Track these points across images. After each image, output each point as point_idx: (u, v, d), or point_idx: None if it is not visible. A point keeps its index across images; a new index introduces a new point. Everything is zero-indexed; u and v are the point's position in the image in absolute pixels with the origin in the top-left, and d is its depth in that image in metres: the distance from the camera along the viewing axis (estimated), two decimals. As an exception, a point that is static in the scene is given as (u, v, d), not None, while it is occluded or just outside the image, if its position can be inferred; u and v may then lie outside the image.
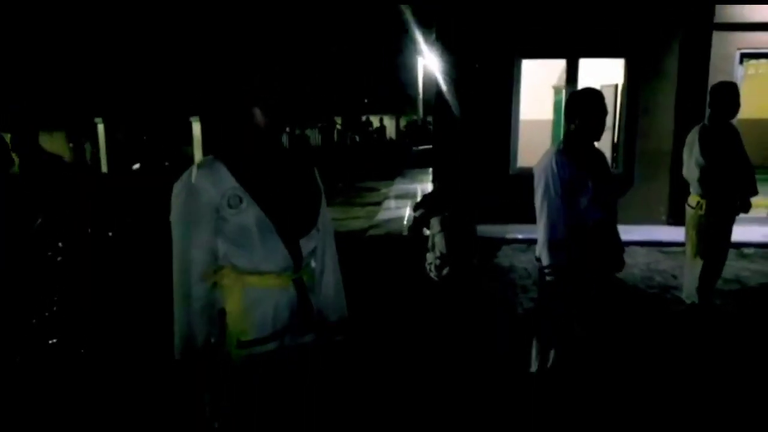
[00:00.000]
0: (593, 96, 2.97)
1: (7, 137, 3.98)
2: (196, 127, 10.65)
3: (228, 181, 1.70)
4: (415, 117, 27.85)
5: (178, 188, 1.73)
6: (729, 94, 4.17)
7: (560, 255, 2.96)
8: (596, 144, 3.20)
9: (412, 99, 27.30)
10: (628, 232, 7.03)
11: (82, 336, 3.88)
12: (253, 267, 1.75)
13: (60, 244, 3.78)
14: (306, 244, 1.85)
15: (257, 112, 1.72)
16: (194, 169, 1.71)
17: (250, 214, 1.71)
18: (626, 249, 6.56)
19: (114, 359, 3.77)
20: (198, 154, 10.52)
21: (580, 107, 2.97)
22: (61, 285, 3.86)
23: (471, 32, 7.57)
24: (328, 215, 2.00)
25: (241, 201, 1.70)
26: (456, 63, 7.68)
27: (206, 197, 1.69)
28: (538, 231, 3.05)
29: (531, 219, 3.23)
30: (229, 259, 1.75)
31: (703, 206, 4.20)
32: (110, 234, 4.76)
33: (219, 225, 1.71)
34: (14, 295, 3.67)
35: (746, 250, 6.49)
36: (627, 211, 7.57)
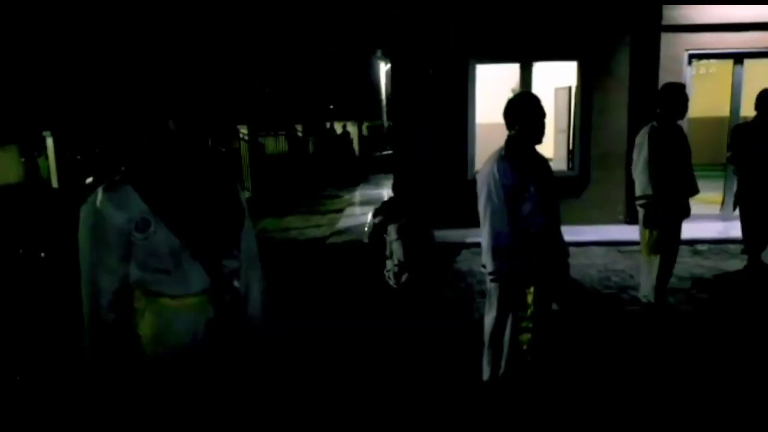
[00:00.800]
0: (530, 101, 2.96)
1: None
2: (50, 142, 10.40)
3: (135, 205, 1.60)
4: (379, 122, 27.85)
5: (84, 212, 1.62)
6: (677, 95, 4.22)
7: (504, 261, 2.93)
8: (546, 146, 3.19)
9: (375, 105, 27.29)
10: (585, 233, 7.17)
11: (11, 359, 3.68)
12: (167, 290, 1.65)
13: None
14: (229, 263, 1.75)
15: (168, 126, 1.63)
16: (100, 193, 1.60)
17: (160, 237, 1.61)
18: (584, 249, 6.66)
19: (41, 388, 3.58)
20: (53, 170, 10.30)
21: (519, 113, 2.96)
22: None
23: (426, 37, 7.55)
24: (252, 233, 1.91)
25: (149, 225, 1.60)
26: (412, 68, 7.66)
27: (113, 222, 1.58)
28: (482, 238, 3.02)
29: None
30: (142, 283, 1.65)
31: (651, 205, 4.24)
32: (42, 255, 4.53)
33: (129, 249, 1.61)
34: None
35: (700, 247, 6.60)
36: (584, 211, 7.68)
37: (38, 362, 3.83)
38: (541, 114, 2.95)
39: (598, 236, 7.00)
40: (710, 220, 7.45)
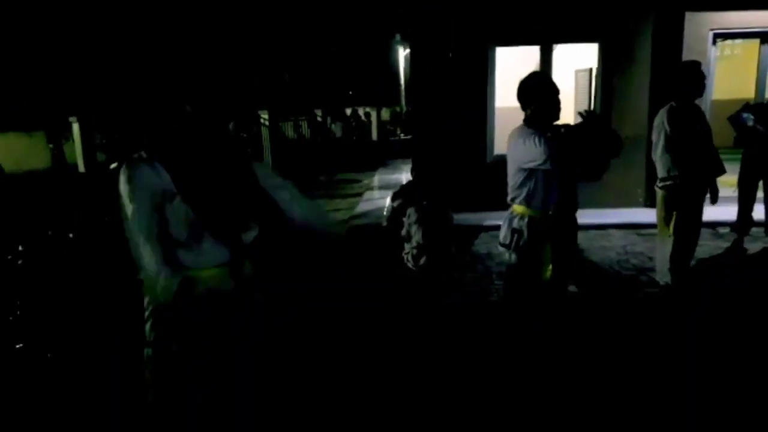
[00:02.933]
0: (542, 80, 3.01)
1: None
2: (75, 127, 10.53)
3: (165, 176, 1.69)
4: (398, 108, 27.80)
5: (126, 175, 1.69)
6: (694, 72, 4.20)
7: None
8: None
9: (395, 89, 27.23)
10: (605, 216, 7.14)
11: (48, 340, 3.84)
12: (187, 263, 1.75)
13: (20, 248, 3.73)
14: (248, 236, 1.85)
15: (185, 110, 1.71)
16: (136, 162, 1.69)
17: (180, 209, 1.70)
18: (604, 232, 6.65)
19: (79, 361, 3.73)
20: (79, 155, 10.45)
21: (531, 93, 3.00)
22: (23, 288, 3.81)
23: (445, 21, 7.53)
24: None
25: (175, 196, 1.68)
26: (431, 52, 7.66)
27: (155, 185, 1.68)
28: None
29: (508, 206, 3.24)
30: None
31: (671, 186, 4.23)
32: (71, 236, 4.68)
33: (163, 214, 1.70)
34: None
35: (721, 230, 6.55)
36: (604, 194, 7.62)
37: (66, 342, 3.98)
38: (553, 92, 2.99)
39: (617, 219, 6.98)
40: (732, 202, 7.36)
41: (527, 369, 3.20)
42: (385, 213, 8.21)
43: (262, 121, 12.29)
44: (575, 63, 8.66)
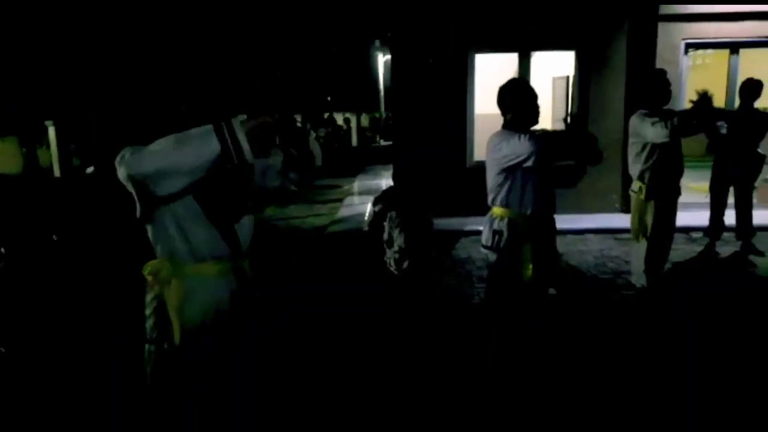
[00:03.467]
0: (521, 85, 3.10)
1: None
2: (51, 131, 10.48)
3: None
4: (377, 114, 27.92)
5: (123, 153, 1.67)
6: (660, 80, 4.34)
7: None
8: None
9: (374, 95, 27.34)
10: (581, 221, 7.28)
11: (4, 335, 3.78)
12: (190, 255, 1.78)
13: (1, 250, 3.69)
14: (241, 231, 1.87)
15: (182, 110, 1.75)
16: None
17: (188, 201, 1.74)
18: (581, 237, 6.77)
19: (75, 362, 3.69)
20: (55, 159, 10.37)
21: (511, 98, 3.08)
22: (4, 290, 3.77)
23: (425, 27, 7.62)
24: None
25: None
26: (411, 58, 7.74)
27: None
28: None
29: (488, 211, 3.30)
30: (170, 251, 1.78)
31: (644, 190, 4.34)
32: (54, 237, 4.66)
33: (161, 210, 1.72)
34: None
35: (694, 234, 6.71)
36: (581, 200, 7.78)
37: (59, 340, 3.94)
38: (532, 97, 3.08)
39: (594, 224, 7.12)
40: (704, 208, 7.55)
41: (513, 368, 3.26)
42: (366, 218, 8.26)
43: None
44: (553, 70, 8.83)
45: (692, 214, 7.11)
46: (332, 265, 6.12)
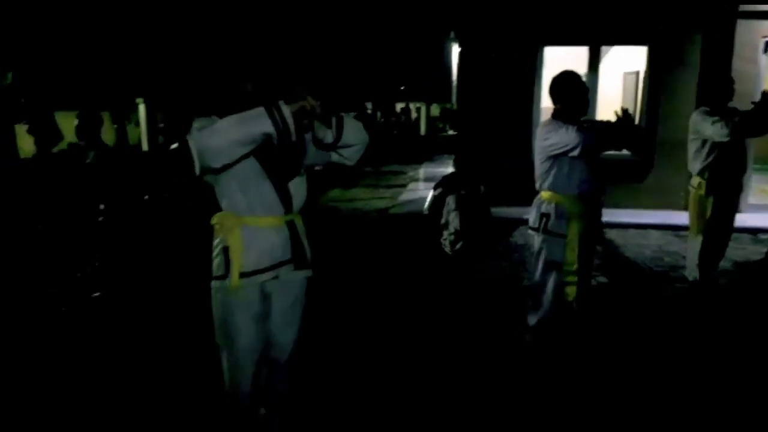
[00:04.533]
0: (571, 79, 3.26)
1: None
2: (142, 108, 11.02)
3: None
4: (449, 104, 27.97)
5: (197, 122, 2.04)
6: (725, 78, 4.37)
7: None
8: None
9: (446, 86, 27.37)
10: (644, 216, 7.27)
11: (122, 290, 4.34)
12: (249, 210, 2.12)
13: (101, 206, 4.23)
14: (294, 189, 2.19)
15: (248, 88, 2.10)
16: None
17: (250, 162, 2.06)
18: (642, 231, 6.77)
19: (149, 311, 4.20)
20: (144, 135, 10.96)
21: (561, 91, 3.25)
22: (103, 243, 4.33)
23: (494, 19, 7.75)
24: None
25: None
26: (479, 49, 7.89)
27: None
28: None
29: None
30: (229, 203, 2.13)
31: (703, 186, 4.39)
32: (146, 197, 5.29)
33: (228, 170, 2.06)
34: (62, 251, 4.14)
35: (762, 236, 6.58)
36: (646, 196, 7.74)
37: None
38: (581, 90, 3.24)
39: (656, 220, 7.08)
40: (775, 210, 7.36)
41: (552, 350, 3.46)
42: (427, 202, 8.54)
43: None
44: (624, 65, 8.75)
45: (762, 215, 6.99)
46: (390, 244, 6.44)
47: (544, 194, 3.41)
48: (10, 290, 4.33)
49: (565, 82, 3.27)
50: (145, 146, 11.58)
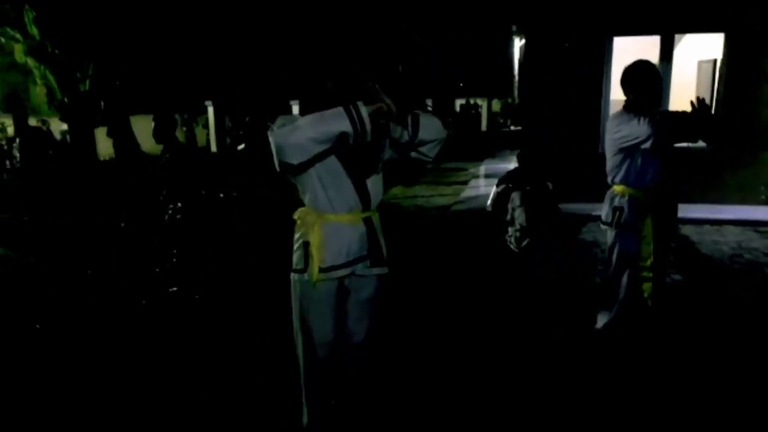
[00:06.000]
0: (644, 69, 3.14)
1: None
2: (210, 111, 11.27)
3: None
4: (510, 99, 27.48)
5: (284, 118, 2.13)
6: None
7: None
8: None
9: (508, 81, 26.90)
10: (722, 211, 6.92)
11: (197, 285, 4.53)
12: (329, 206, 2.17)
13: (178, 204, 4.44)
14: (371, 186, 2.23)
15: (329, 86, 2.14)
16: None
17: (332, 160, 2.12)
18: (719, 228, 6.48)
19: (225, 305, 4.37)
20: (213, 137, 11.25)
21: (634, 81, 3.13)
22: (180, 240, 4.53)
23: (560, 9, 7.57)
24: None
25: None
26: (546, 41, 7.73)
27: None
28: None
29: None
30: (311, 200, 2.20)
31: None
32: (221, 195, 5.51)
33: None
34: (142, 248, 4.36)
35: None
36: (723, 189, 7.35)
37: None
38: (655, 80, 3.12)
39: (735, 215, 6.73)
40: None
41: (624, 346, 3.37)
42: (490, 199, 8.43)
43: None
44: (699, 53, 8.36)
45: None
46: (454, 241, 6.41)
47: (617, 188, 3.32)
48: (94, 286, 4.60)
49: (638, 71, 3.17)
50: (213, 147, 12.00)
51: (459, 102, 26.47)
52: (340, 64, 2.21)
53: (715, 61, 7.60)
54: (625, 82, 3.22)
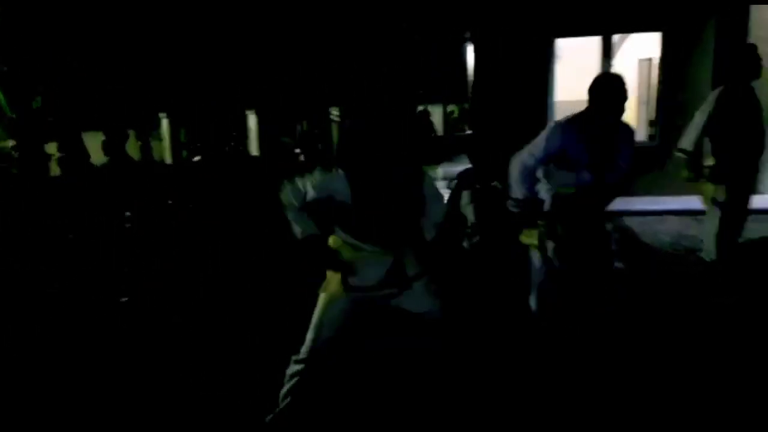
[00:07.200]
0: (602, 85, 3.17)
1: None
2: (165, 123, 11.27)
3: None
4: (466, 105, 27.92)
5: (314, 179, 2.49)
6: (752, 55, 4.35)
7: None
8: (629, 118, 3.39)
9: (463, 86, 27.31)
10: (664, 202, 7.20)
11: (148, 295, 4.50)
12: (353, 242, 2.47)
13: (127, 214, 4.44)
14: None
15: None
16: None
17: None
18: (660, 218, 6.76)
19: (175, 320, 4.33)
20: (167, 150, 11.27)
21: (591, 93, 3.22)
22: (130, 250, 4.53)
23: (503, 12, 7.79)
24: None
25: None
26: (489, 45, 7.95)
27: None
28: None
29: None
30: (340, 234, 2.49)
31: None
32: (170, 202, 5.50)
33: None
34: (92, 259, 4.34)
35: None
36: (666, 182, 7.66)
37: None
38: (617, 99, 3.12)
39: (676, 206, 7.04)
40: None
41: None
42: (445, 198, 8.59)
43: (332, 117, 12.90)
44: (640, 52, 8.72)
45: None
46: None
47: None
48: (42, 296, 4.53)
49: (596, 85, 3.19)
50: (168, 160, 11.89)
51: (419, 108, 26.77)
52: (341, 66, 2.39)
53: (650, 59, 7.96)
54: (589, 92, 3.26)
